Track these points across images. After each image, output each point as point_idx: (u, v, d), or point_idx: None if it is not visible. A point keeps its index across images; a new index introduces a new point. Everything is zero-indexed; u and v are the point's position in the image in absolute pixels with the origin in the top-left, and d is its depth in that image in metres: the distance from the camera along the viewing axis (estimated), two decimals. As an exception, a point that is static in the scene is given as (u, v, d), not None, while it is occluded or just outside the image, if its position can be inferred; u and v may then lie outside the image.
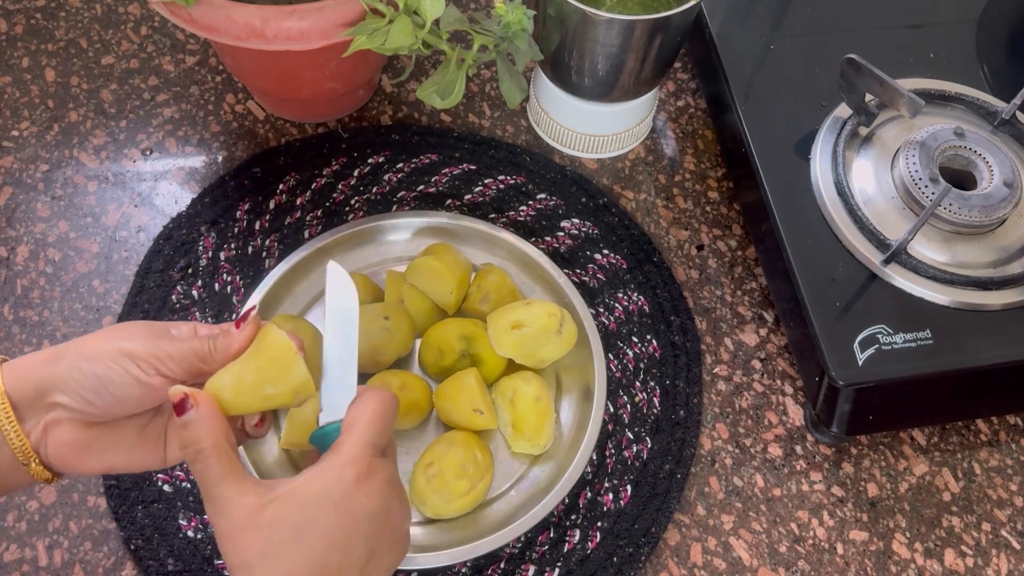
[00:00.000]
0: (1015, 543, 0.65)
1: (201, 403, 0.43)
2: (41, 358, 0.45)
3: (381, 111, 0.81)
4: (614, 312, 0.71)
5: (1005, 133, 0.72)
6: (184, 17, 0.62)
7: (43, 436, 0.45)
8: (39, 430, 0.45)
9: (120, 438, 0.47)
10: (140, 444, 0.47)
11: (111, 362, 0.44)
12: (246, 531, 0.41)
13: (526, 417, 0.62)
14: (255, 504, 0.42)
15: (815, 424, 0.66)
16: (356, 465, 0.44)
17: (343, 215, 0.74)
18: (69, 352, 0.45)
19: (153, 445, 0.48)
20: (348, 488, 0.43)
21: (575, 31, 0.68)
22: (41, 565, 0.60)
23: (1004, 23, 0.81)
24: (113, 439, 0.47)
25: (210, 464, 0.43)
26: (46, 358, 0.45)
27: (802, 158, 0.70)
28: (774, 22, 0.78)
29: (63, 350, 0.45)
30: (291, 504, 0.42)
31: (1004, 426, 0.69)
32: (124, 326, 0.46)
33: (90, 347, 0.45)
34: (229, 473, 0.43)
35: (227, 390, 0.45)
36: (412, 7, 0.60)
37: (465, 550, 0.59)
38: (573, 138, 0.78)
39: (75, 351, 0.45)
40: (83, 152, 0.77)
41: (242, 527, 0.41)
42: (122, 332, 0.46)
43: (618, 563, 0.61)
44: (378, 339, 0.64)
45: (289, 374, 0.46)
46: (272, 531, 0.41)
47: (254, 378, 0.46)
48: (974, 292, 0.64)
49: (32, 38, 0.82)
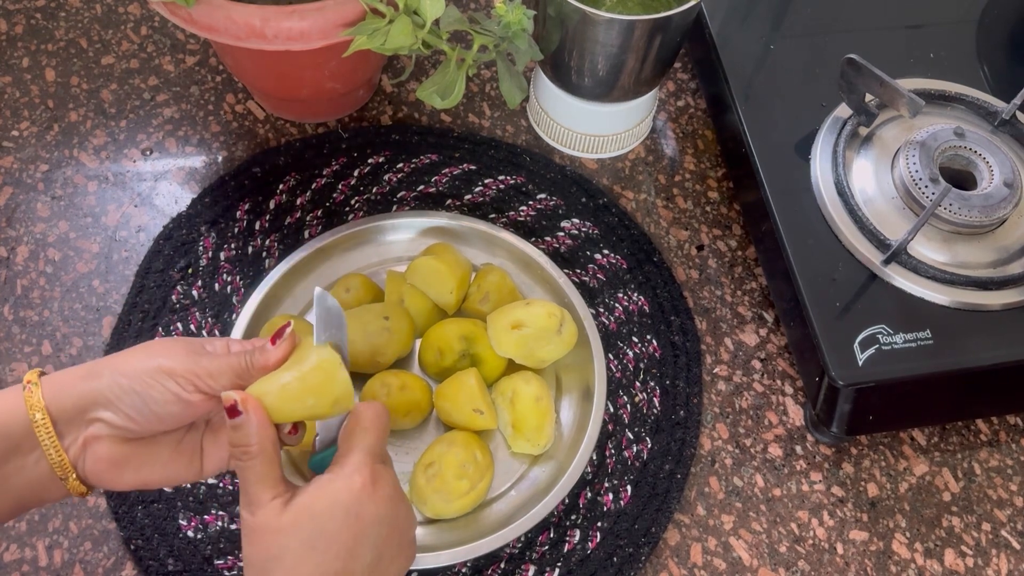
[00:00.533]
0: (1015, 543, 0.65)
1: (251, 408, 0.45)
2: (80, 373, 0.46)
3: (381, 111, 0.81)
4: (614, 312, 0.71)
5: (1005, 133, 0.72)
6: (184, 17, 0.62)
7: (82, 451, 0.46)
8: (78, 445, 0.45)
9: (157, 453, 0.48)
10: (176, 458, 0.48)
11: (151, 379, 0.45)
12: (267, 533, 0.44)
13: (526, 417, 0.62)
14: (279, 509, 0.44)
15: (815, 424, 0.66)
16: (362, 472, 0.45)
17: (343, 215, 0.74)
18: (108, 369, 0.45)
19: (188, 458, 0.49)
20: (357, 494, 0.45)
21: (575, 31, 0.68)
22: (41, 565, 0.60)
23: (1004, 23, 0.81)
24: (150, 455, 0.48)
25: (253, 465, 0.44)
26: (85, 374, 0.46)
27: (802, 158, 0.70)
28: (774, 22, 0.78)
29: (101, 367, 0.46)
30: (305, 513, 0.44)
31: (1004, 426, 0.69)
32: (161, 343, 0.47)
33: (129, 365, 0.45)
34: (267, 476, 0.45)
35: (271, 396, 0.46)
36: (412, 7, 0.60)
37: (465, 550, 0.59)
38: (573, 138, 0.78)
39: (114, 368, 0.45)
40: (83, 152, 0.77)
41: (264, 529, 0.44)
42: (159, 349, 0.46)
43: (618, 563, 0.61)
44: (378, 339, 0.64)
45: (333, 384, 0.47)
46: (288, 537, 0.43)
47: (298, 387, 0.47)
48: (974, 292, 0.64)
49: (32, 38, 0.82)
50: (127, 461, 0.47)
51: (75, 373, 0.46)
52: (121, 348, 0.66)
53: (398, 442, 0.65)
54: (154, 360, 0.45)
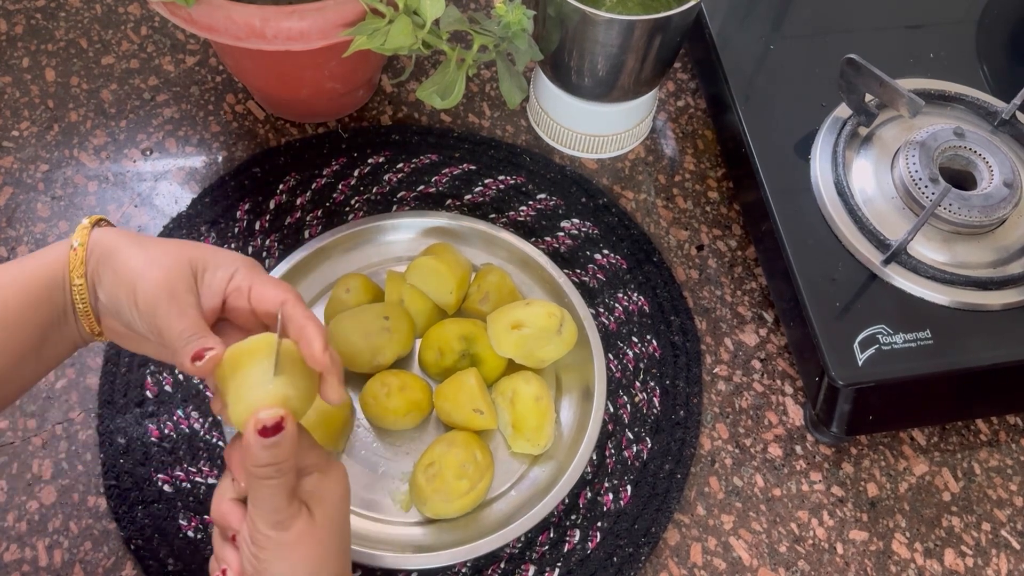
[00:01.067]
0: (1015, 543, 0.65)
1: (289, 425, 0.43)
2: (104, 247, 0.48)
3: (381, 111, 0.81)
4: (614, 312, 0.71)
5: (1005, 133, 0.72)
6: (184, 17, 0.62)
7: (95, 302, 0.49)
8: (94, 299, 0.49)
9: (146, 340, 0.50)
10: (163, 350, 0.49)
11: (124, 297, 0.47)
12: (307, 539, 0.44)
13: (526, 417, 0.62)
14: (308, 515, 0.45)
15: (815, 424, 0.66)
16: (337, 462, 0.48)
17: (343, 215, 0.74)
18: (114, 258, 0.47)
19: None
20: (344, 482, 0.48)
21: (575, 31, 0.68)
22: (41, 565, 0.60)
23: (1004, 23, 0.81)
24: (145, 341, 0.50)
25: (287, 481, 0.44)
26: (103, 251, 0.48)
27: (802, 158, 0.70)
28: (774, 22, 0.78)
29: (114, 252, 0.47)
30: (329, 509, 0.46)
31: (1004, 426, 0.70)
32: (168, 251, 0.48)
33: (123, 266, 0.47)
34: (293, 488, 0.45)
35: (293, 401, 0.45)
36: (412, 7, 0.60)
37: (465, 550, 0.59)
38: (573, 138, 0.78)
39: (114, 262, 0.47)
40: (83, 152, 0.77)
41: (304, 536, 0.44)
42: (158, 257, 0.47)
43: (618, 563, 0.61)
44: (378, 339, 0.64)
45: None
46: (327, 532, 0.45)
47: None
48: (974, 292, 0.64)
49: (32, 38, 0.82)
50: (128, 336, 0.50)
51: (103, 243, 0.48)
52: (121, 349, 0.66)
53: (398, 442, 0.65)
54: (137, 275, 0.46)
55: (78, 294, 0.48)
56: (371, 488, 0.63)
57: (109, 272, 0.47)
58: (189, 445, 0.64)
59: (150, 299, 0.46)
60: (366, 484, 0.63)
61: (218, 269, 0.48)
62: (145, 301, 0.46)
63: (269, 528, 0.44)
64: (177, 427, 0.64)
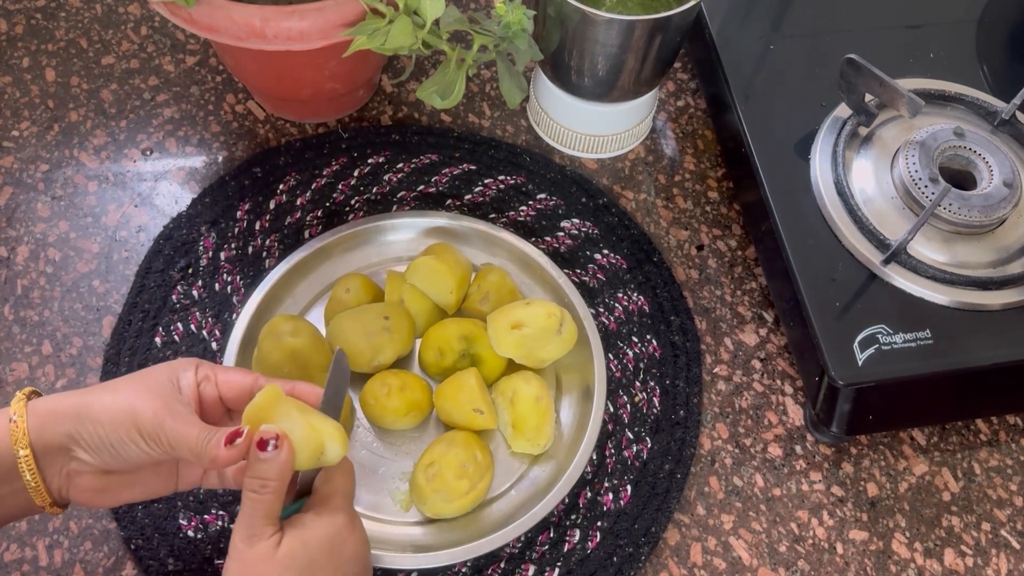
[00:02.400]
0: (1015, 543, 0.65)
1: (285, 447, 0.47)
2: (66, 410, 0.48)
3: (381, 111, 0.81)
4: (614, 312, 0.71)
5: (1005, 133, 0.72)
6: (184, 17, 0.62)
7: (66, 482, 0.49)
8: (62, 476, 0.49)
9: (136, 479, 0.51)
10: (154, 479, 0.52)
11: (123, 434, 0.47)
12: (264, 563, 0.46)
13: (526, 417, 0.62)
14: (276, 542, 0.47)
15: (815, 424, 0.66)
16: (345, 511, 0.50)
17: (343, 215, 0.74)
18: (89, 412, 0.48)
19: (164, 478, 0.53)
20: (340, 530, 0.49)
21: (575, 31, 0.68)
22: (41, 565, 0.60)
23: (1004, 23, 0.81)
24: (130, 480, 0.51)
25: (267, 499, 0.47)
26: (70, 411, 0.48)
27: (802, 158, 0.70)
28: (774, 22, 0.78)
29: (85, 407, 0.48)
30: (300, 545, 0.47)
31: (1004, 426, 0.70)
32: (139, 383, 0.49)
33: (107, 413, 0.48)
34: (273, 511, 0.47)
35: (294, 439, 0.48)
36: (412, 7, 0.60)
37: (465, 550, 0.59)
38: (573, 138, 0.78)
39: (94, 414, 0.48)
40: (83, 152, 0.77)
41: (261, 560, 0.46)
42: (134, 394, 0.48)
43: (618, 563, 0.61)
44: (378, 339, 0.64)
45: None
46: (283, 568, 0.46)
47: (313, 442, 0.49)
48: (974, 292, 0.64)
49: (32, 38, 0.82)
50: (109, 488, 0.50)
51: (61, 407, 0.48)
52: (121, 349, 0.67)
53: (398, 442, 0.65)
54: (129, 408, 0.47)
55: (25, 463, 0.47)
56: (371, 488, 0.63)
57: (90, 426, 0.47)
58: (189, 445, 0.64)
59: (153, 422, 0.47)
60: (366, 484, 0.63)
61: (185, 372, 0.51)
62: (149, 425, 0.47)
63: (240, 539, 0.47)
64: (177, 427, 0.64)
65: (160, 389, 0.49)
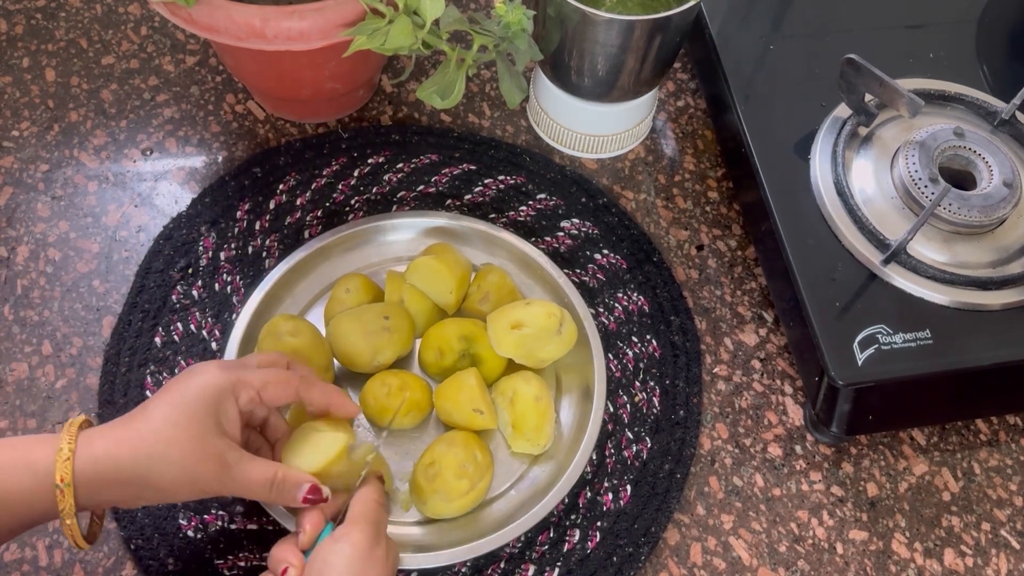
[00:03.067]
0: (1015, 543, 0.65)
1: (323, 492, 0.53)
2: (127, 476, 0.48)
3: (381, 111, 0.81)
4: (614, 312, 0.71)
5: (1005, 133, 0.72)
6: (184, 17, 0.62)
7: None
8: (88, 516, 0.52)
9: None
10: None
11: (186, 495, 0.50)
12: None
13: (526, 417, 0.62)
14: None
15: (815, 424, 0.66)
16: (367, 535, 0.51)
17: (343, 215, 0.74)
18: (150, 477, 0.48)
19: None
20: (363, 556, 0.50)
21: (575, 31, 0.68)
22: (41, 565, 0.60)
23: (1004, 23, 0.81)
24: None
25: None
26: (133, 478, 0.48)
27: (802, 158, 0.70)
28: (774, 22, 0.78)
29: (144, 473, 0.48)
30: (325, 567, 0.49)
31: (1004, 426, 0.70)
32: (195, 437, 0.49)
33: (168, 480, 0.48)
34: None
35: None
36: (412, 7, 0.60)
37: (465, 550, 0.59)
38: (573, 138, 0.78)
39: (152, 480, 0.48)
40: (83, 152, 0.77)
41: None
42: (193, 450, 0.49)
43: (618, 563, 0.61)
44: (378, 339, 0.64)
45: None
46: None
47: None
48: (974, 292, 0.64)
49: (32, 38, 0.82)
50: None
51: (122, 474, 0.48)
52: (121, 349, 0.67)
53: (398, 442, 0.65)
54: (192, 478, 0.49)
55: (69, 531, 0.48)
56: (371, 488, 0.63)
57: (149, 493, 0.49)
58: (189, 445, 0.64)
59: (217, 486, 0.50)
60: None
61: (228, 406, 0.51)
62: (213, 489, 0.50)
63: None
64: (177, 427, 0.64)
65: (214, 447, 0.49)
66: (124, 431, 0.49)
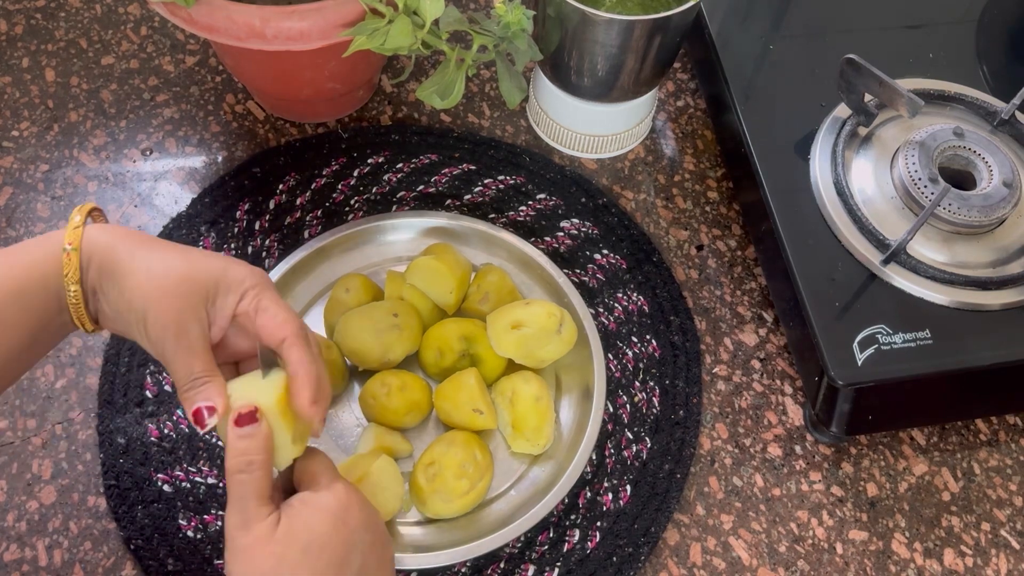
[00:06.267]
0: (1014, 543, 0.65)
1: (263, 425, 0.46)
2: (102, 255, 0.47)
3: (381, 111, 0.81)
4: (614, 312, 0.71)
5: (1004, 133, 0.72)
6: (184, 17, 0.62)
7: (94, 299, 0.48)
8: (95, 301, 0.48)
9: None
10: None
11: (132, 321, 0.47)
12: (263, 545, 0.44)
13: (526, 417, 0.62)
14: (274, 522, 0.45)
15: (815, 424, 0.66)
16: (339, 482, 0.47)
17: (343, 215, 0.74)
18: (116, 274, 0.46)
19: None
20: (344, 502, 0.46)
21: (575, 31, 0.68)
22: (41, 565, 0.60)
23: (1004, 23, 0.81)
24: None
25: (257, 477, 0.45)
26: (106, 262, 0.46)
27: (802, 158, 0.70)
28: (774, 22, 0.78)
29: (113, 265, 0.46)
30: (298, 521, 0.45)
31: (1004, 426, 0.70)
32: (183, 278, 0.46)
33: (125, 290, 0.46)
34: (265, 488, 0.45)
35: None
36: (412, 7, 0.60)
37: (465, 550, 0.59)
38: (573, 138, 0.78)
39: (117, 278, 0.46)
40: (83, 152, 0.77)
41: (261, 542, 0.44)
42: (166, 287, 0.46)
43: (618, 563, 0.61)
44: (388, 336, 0.63)
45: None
46: (284, 547, 0.44)
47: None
48: (973, 292, 0.64)
49: (32, 38, 0.82)
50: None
51: (128, 279, 0.46)
52: (121, 349, 0.67)
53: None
54: (142, 308, 0.46)
55: (72, 299, 0.47)
56: (371, 488, 0.63)
57: (114, 290, 0.46)
58: (189, 445, 0.64)
59: (160, 331, 0.46)
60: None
61: (228, 294, 0.48)
62: (155, 331, 0.46)
63: (234, 527, 0.45)
64: (177, 427, 0.64)
65: (188, 299, 0.46)
66: (133, 242, 0.47)
